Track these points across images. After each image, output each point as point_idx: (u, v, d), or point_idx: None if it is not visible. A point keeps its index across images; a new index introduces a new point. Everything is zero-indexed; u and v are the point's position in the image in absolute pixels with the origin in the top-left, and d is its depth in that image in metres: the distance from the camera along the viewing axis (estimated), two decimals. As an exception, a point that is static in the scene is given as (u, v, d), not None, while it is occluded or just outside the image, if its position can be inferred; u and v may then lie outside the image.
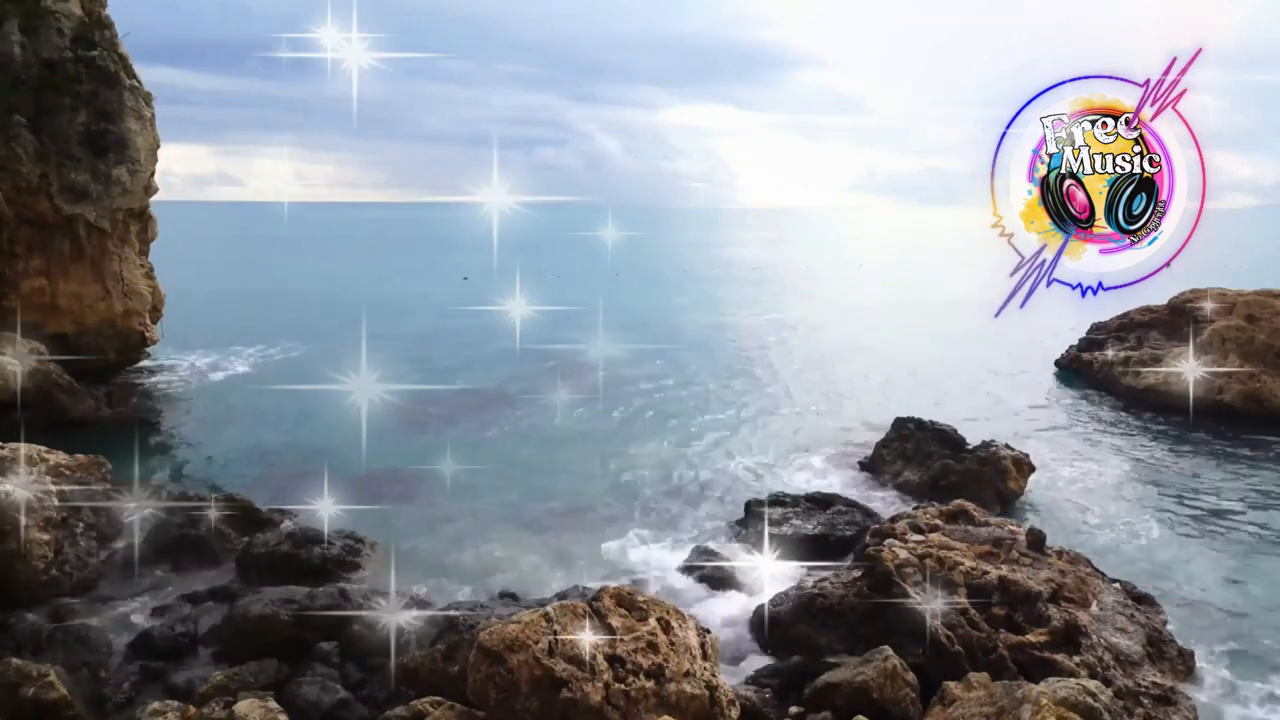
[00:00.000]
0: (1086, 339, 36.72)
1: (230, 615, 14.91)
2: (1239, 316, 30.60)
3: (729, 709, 11.14)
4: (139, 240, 33.14)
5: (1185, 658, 13.98)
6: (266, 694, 11.89)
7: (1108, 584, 15.34)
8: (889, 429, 24.34)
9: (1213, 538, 19.76)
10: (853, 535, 18.41)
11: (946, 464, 22.01)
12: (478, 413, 30.45)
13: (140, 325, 32.94)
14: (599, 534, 19.84)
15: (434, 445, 26.20)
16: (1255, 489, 22.84)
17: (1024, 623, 13.42)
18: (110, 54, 31.06)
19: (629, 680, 10.72)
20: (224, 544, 18.24)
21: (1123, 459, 25.50)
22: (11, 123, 28.77)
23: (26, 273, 30.05)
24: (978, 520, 16.62)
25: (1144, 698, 12.42)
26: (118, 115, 30.80)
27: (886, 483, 22.85)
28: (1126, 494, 22.58)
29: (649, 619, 11.58)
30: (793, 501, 20.14)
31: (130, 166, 31.26)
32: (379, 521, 20.00)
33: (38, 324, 29.69)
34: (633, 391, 33.56)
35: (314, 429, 28.11)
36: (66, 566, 16.21)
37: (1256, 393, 28.93)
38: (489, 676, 10.76)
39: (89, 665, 13.61)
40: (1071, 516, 21.01)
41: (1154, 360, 32.25)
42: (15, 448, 17.44)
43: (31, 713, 11.77)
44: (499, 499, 21.84)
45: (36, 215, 29.83)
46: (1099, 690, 10.68)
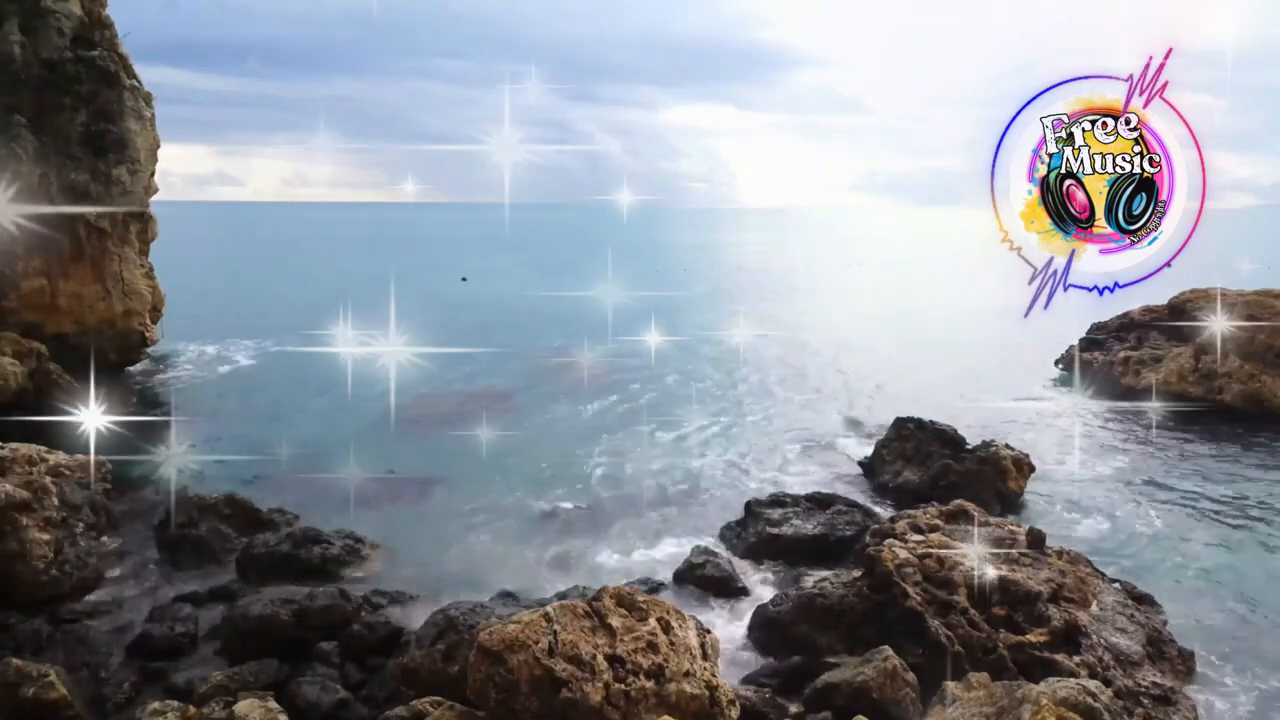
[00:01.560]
0: (1086, 339, 36.69)
1: (230, 615, 14.91)
2: (1239, 316, 30.60)
3: (729, 709, 11.14)
4: (139, 240, 33.16)
5: (1185, 658, 13.97)
6: (266, 694, 11.88)
7: (1108, 584, 15.34)
8: (889, 429, 24.33)
9: (1213, 538, 19.75)
10: (853, 535, 18.40)
11: (946, 464, 22.01)
12: (477, 412, 30.41)
13: (140, 325, 32.96)
14: (599, 533, 19.85)
15: (433, 445, 26.23)
16: (1255, 489, 22.83)
17: (1024, 623, 13.43)
18: (110, 54, 31.07)
19: (629, 680, 10.72)
20: (224, 544, 18.24)
21: (1123, 459, 25.50)
22: (11, 123, 28.78)
23: (26, 273, 30.06)
24: (978, 520, 16.62)
25: (1144, 698, 12.42)
26: (118, 115, 30.83)
27: (886, 483, 22.85)
28: (1126, 494, 22.58)
29: (649, 619, 11.58)
30: (793, 501, 20.13)
31: (130, 166, 31.29)
32: (379, 521, 20.02)
33: (38, 324, 29.71)
34: (633, 391, 33.57)
35: (314, 429, 28.13)
36: (66, 566, 16.20)
37: (1256, 393, 28.94)
38: (489, 676, 10.76)
39: (89, 665, 13.61)
40: (1072, 516, 21.01)
41: (1154, 360, 32.24)
42: (15, 448, 17.43)
43: (31, 713, 11.77)
44: (499, 499, 21.84)
45: (36, 215, 29.83)
46: (1099, 690, 10.68)
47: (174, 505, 19.44)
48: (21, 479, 16.64)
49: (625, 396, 32.74)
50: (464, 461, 24.48)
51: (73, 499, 17.43)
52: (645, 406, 31.43)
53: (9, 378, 26.07)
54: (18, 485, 16.34)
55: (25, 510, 16.07)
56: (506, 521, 20.32)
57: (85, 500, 17.85)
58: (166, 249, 39.20)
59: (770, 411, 31.13)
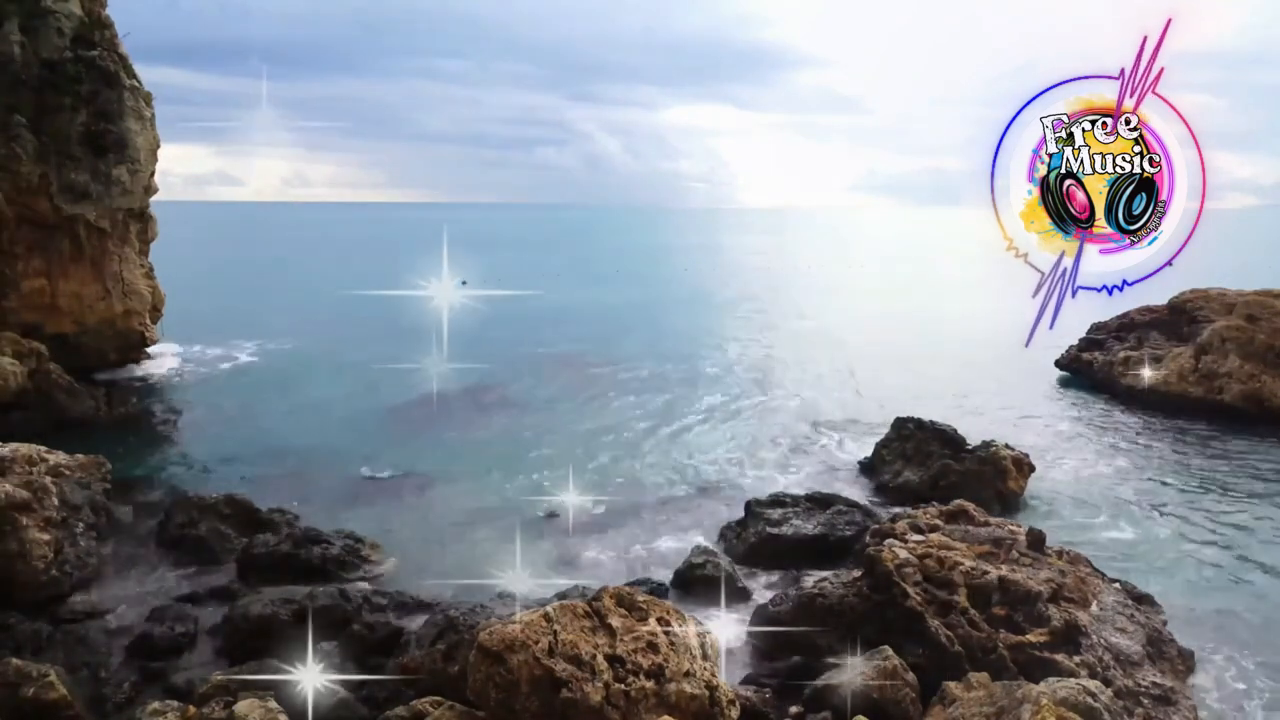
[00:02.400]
0: (1086, 339, 36.69)
1: (230, 615, 14.93)
2: (1239, 316, 30.59)
3: (729, 709, 11.14)
4: (139, 240, 33.16)
5: (1185, 658, 13.98)
6: (266, 694, 11.88)
7: (1108, 584, 15.34)
8: (889, 429, 24.33)
9: (1213, 537, 19.75)
10: (853, 535, 18.41)
11: (946, 464, 22.01)
12: (477, 412, 30.45)
13: (140, 325, 32.95)
14: (599, 533, 19.86)
15: (432, 445, 26.22)
16: (1255, 489, 22.83)
17: (1024, 623, 13.42)
18: (110, 54, 31.06)
19: (629, 680, 10.72)
20: (224, 544, 18.24)
21: (1123, 459, 25.50)
22: (11, 123, 28.78)
23: (26, 273, 30.06)
24: (978, 520, 16.62)
25: (1144, 698, 12.42)
26: (118, 115, 30.81)
27: (886, 483, 22.84)
28: (1126, 494, 22.57)
29: (649, 619, 11.58)
30: (793, 501, 20.13)
31: (130, 166, 31.28)
32: (379, 521, 20.03)
33: (38, 324, 29.70)
34: (633, 391, 33.57)
35: (314, 429, 28.12)
36: (66, 566, 16.20)
37: (1256, 393, 28.93)
38: (489, 676, 10.76)
39: (89, 665, 13.63)
40: (1071, 516, 21.01)
41: (1154, 360, 32.23)
42: (15, 448, 17.43)
43: (31, 713, 11.77)
44: (498, 498, 21.85)
45: (36, 215, 29.84)
46: (1099, 690, 10.69)
47: (174, 505, 19.46)
48: (21, 479, 16.64)
49: (625, 397, 32.72)
50: (465, 461, 24.49)
51: (73, 499, 17.43)
52: (646, 406, 31.42)
53: (9, 378, 26.06)
54: (18, 485, 16.34)
55: (25, 510, 16.07)
56: (507, 521, 20.31)
57: (85, 500, 17.85)
58: (166, 249, 39.20)
59: (771, 411, 31.11)
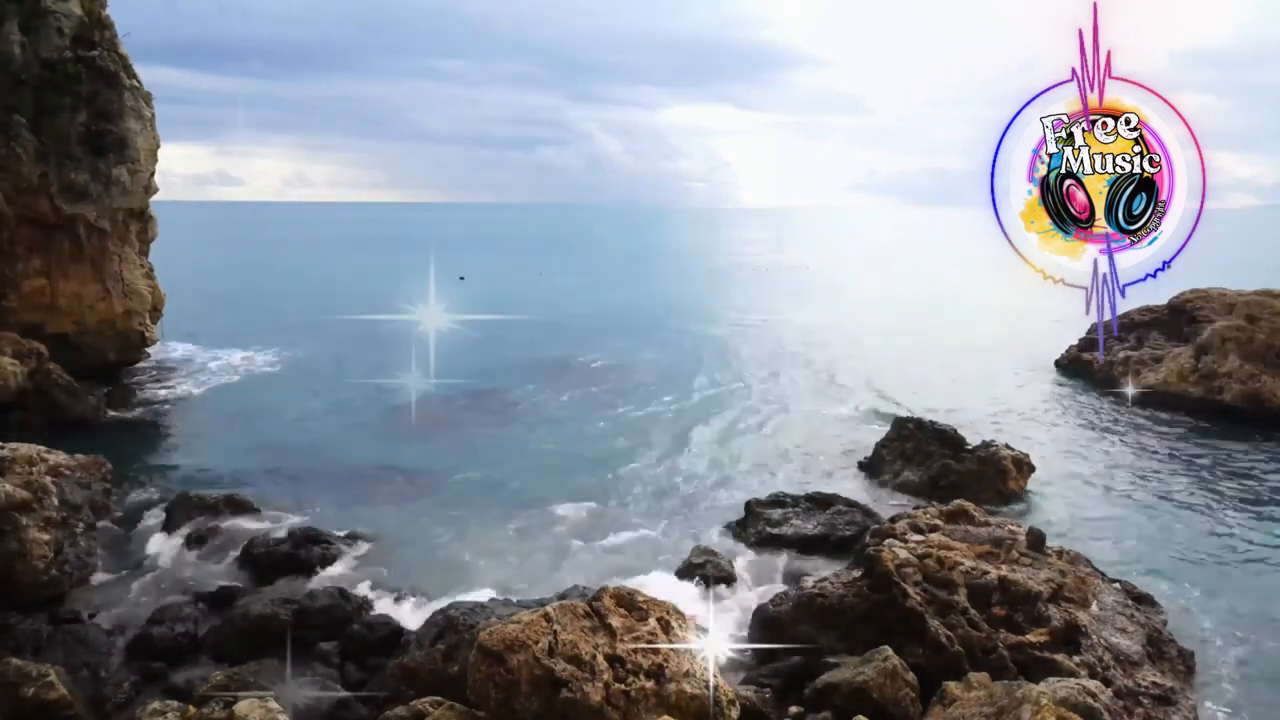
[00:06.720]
0: (1086, 339, 36.68)
1: (230, 615, 14.93)
2: (1239, 316, 30.59)
3: (729, 709, 11.14)
4: (139, 240, 33.14)
5: (1185, 658, 13.97)
6: (266, 694, 11.88)
7: (1108, 584, 15.33)
8: (889, 429, 24.33)
9: (1213, 537, 19.75)
10: (853, 535, 18.42)
11: (946, 464, 22.02)
12: (477, 412, 30.46)
13: (140, 325, 32.93)
14: (599, 533, 19.84)
15: (432, 445, 26.22)
16: (1255, 489, 22.83)
17: (1024, 623, 13.42)
18: (110, 54, 31.05)
19: (629, 680, 10.73)
20: (224, 544, 18.24)
21: (1123, 459, 25.49)
22: (11, 123, 28.76)
23: (26, 273, 30.04)
24: (978, 520, 16.61)
25: (1144, 698, 12.42)
26: (118, 115, 30.79)
27: (886, 483, 22.84)
28: (1126, 494, 22.57)
29: (649, 619, 11.58)
30: (793, 501, 20.13)
31: (130, 166, 31.26)
32: (379, 522, 20.03)
33: (38, 324, 29.69)
34: (634, 391, 33.56)
35: (314, 429, 28.14)
36: (66, 566, 16.20)
37: (1256, 393, 28.92)
38: (489, 676, 10.76)
39: (89, 665, 13.63)
40: (1071, 516, 21.00)
41: (1154, 360, 32.23)
42: (15, 448, 17.43)
43: (31, 713, 11.77)
44: (499, 498, 21.84)
45: (36, 215, 29.82)
46: (1099, 690, 10.68)
47: (174, 505, 19.47)
48: (21, 479, 16.63)
49: (626, 397, 32.72)
50: (465, 461, 24.48)
51: (73, 499, 17.42)
52: (646, 406, 31.42)
53: (9, 378, 26.06)
54: (18, 485, 16.33)
55: (25, 510, 16.07)
56: (507, 521, 20.32)
57: (85, 500, 17.84)
58: (166, 249, 39.20)
59: (771, 411, 31.10)
